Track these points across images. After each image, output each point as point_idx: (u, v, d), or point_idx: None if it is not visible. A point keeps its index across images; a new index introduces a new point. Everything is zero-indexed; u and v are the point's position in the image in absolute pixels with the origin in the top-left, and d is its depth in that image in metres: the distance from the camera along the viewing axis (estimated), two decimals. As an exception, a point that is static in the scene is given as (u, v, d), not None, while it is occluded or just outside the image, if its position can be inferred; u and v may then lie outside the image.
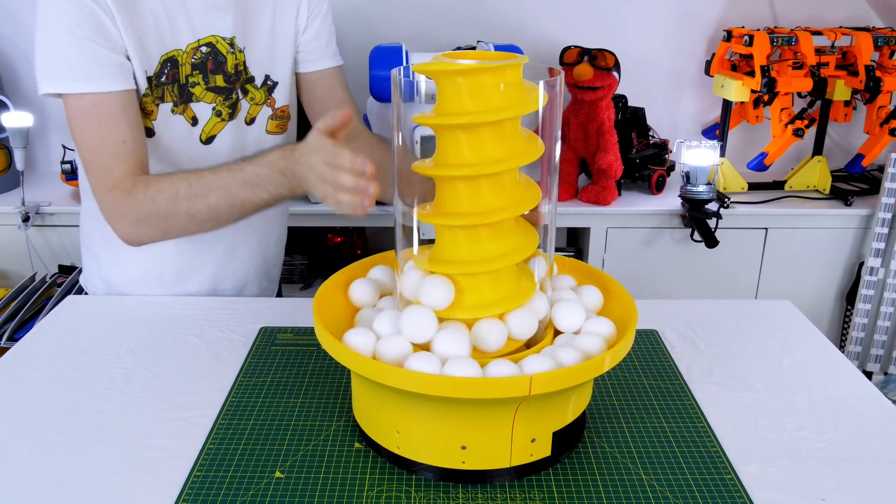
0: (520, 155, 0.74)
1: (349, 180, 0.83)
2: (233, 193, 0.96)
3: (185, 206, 0.98)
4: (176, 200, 0.98)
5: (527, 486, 0.74)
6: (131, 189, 0.99)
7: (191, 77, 1.06)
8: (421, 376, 0.69)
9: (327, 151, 0.86)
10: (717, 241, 1.87)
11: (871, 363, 2.02)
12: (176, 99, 1.06)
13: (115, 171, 1.00)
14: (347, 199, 0.83)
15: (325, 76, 1.21)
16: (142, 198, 0.99)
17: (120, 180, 1.00)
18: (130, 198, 0.99)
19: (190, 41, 1.05)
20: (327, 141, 0.87)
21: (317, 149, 0.87)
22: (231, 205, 0.97)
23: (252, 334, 1.04)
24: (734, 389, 0.92)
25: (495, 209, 0.75)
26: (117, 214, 1.01)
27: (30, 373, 0.94)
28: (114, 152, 0.99)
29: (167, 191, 0.98)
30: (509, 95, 0.72)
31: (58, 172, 2.09)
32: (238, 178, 0.96)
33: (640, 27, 2.18)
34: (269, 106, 1.15)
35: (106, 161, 0.99)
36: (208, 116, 1.10)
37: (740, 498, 0.73)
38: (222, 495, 0.73)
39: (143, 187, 0.99)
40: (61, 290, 1.79)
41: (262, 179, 0.95)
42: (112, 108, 0.98)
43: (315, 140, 0.88)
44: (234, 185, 0.96)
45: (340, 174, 0.83)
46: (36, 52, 0.98)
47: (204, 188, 0.97)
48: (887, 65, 1.98)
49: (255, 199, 0.97)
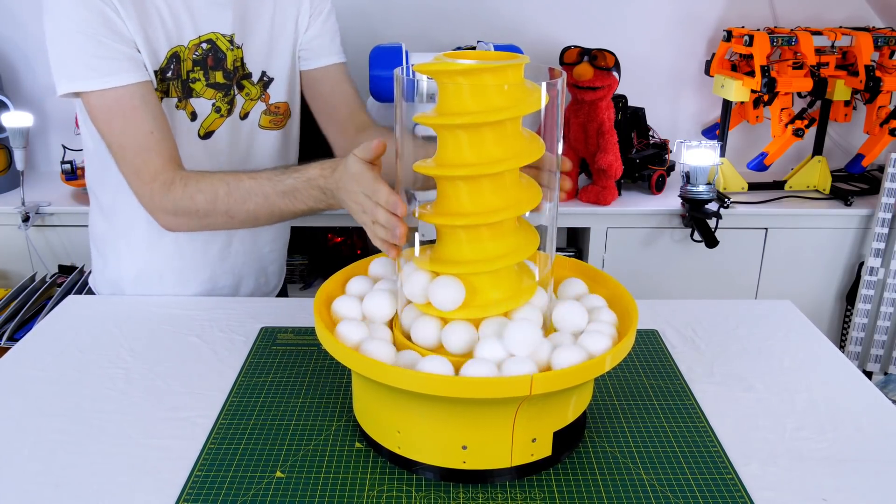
0: (521, 155, 0.74)
1: (383, 217, 0.81)
2: (271, 202, 0.98)
3: (223, 208, 1.00)
4: (215, 202, 1.00)
5: (527, 485, 0.74)
6: (170, 184, 1.00)
7: (192, 73, 1.07)
8: (422, 376, 0.69)
9: (367, 183, 0.84)
10: (717, 241, 1.87)
11: (871, 363, 2.02)
12: (179, 94, 1.07)
13: (150, 164, 1.01)
14: (382, 233, 0.82)
15: (330, 72, 1.21)
16: (180, 195, 1.00)
17: (157, 172, 1.01)
18: (169, 193, 1.00)
19: (192, 37, 1.06)
20: (368, 171, 0.85)
21: (357, 178, 0.86)
22: (270, 212, 0.99)
23: (252, 334, 1.04)
24: (735, 389, 0.92)
25: (497, 209, 0.75)
26: (157, 206, 1.02)
27: (30, 373, 0.94)
28: (144, 144, 1.00)
29: (206, 192, 1.00)
30: (511, 95, 0.72)
31: (58, 172, 2.09)
32: (277, 188, 0.97)
33: (640, 27, 2.18)
34: (262, 101, 1.16)
35: (139, 154, 1.00)
36: (207, 112, 1.10)
37: (741, 498, 0.73)
38: (223, 495, 0.73)
39: (183, 184, 1.00)
40: (61, 290, 1.79)
41: (301, 193, 0.96)
42: (134, 100, 0.99)
43: (355, 167, 0.86)
44: (272, 194, 0.97)
45: (377, 209, 0.82)
46: (50, 55, 0.98)
47: (242, 194, 0.99)
48: (887, 65, 1.98)
49: (293, 209, 0.98)
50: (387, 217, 0.81)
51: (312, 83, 1.21)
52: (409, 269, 0.79)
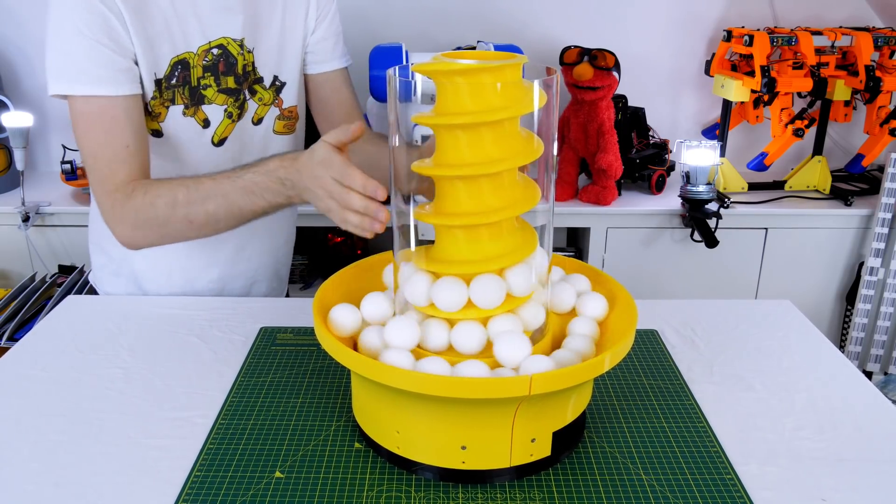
0: (519, 155, 0.74)
1: (358, 202, 0.81)
2: (231, 200, 0.96)
3: (183, 212, 0.98)
4: (174, 206, 0.98)
5: (527, 486, 0.74)
6: (131, 193, 1.00)
7: (202, 79, 1.06)
8: (421, 376, 0.69)
9: (337, 168, 0.84)
10: (717, 241, 1.87)
11: (871, 363, 2.02)
12: (187, 101, 1.06)
13: (116, 175, 1.00)
14: (355, 219, 0.82)
15: (332, 78, 1.21)
16: (140, 202, 0.99)
17: (121, 184, 1.00)
18: (130, 202, 0.99)
19: (201, 43, 1.05)
20: (337, 156, 0.85)
21: (326, 163, 0.85)
22: (229, 212, 0.97)
23: (252, 334, 1.04)
24: (734, 389, 0.92)
25: (495, 209, 0.75)
26: (116, 218, 1.01)
27: (30, 373, 0.94)
28: (117, 157, 0.99)
29: (166, 196, 0.98)
30: (509, 95, 0.72)
31: (58, 172, 2.09)
32: (236, 185, 0.95)
33: (640, 27, 2.18)
34: (276, 106, 1.16)
35: (109, 165, 1.00)
36: (220, 118, 1.10)
37: (740, 498, 0.73)
38: (222, 495, 0.73)
39: (143, 192, 0.99)
40: (61, 290, 1.79)
41: (260, 187, 0.94)
42: (117, 112, 0.98)
43: (323, 152, 0.86)
44: (232, 192, 0.95)
45: (350, 194, 0.82)
46: (46, 53, 0.98)
47: (202, 194, 0.97)
48: (887, 65, 1.98)
49: (253, 206, 0.96)
50: (363, 202, 0.80)
51: (313, 87, 1.21)
52: (408, 272, 0.79)
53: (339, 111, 1.22)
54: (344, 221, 0.83)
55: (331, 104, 1.22)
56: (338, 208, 0.84)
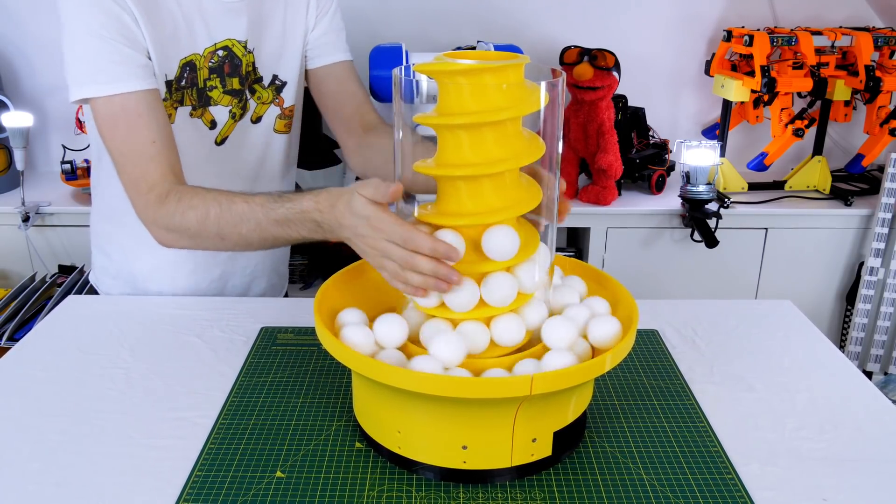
0: (521, 155, 0.74)
1: (427, 265, 0.75)
2: (264, 228, 0.93)
3: (214, 229, 0.96)
4: (206, 221, 0.96)
5: (527, 485, 0.74)
6: (165, 197, 0.98)
7: (208, 81, 1.06)
8: (422, 376, 0.69)
9: (394, 231, 0.77)
10: (717, 241, 1.87)
11: (871, 363, 2.02)
12: (195, 102, 1.06)
13: (148, 175, 0.98)
14: (418, 280, 0.76)
15: (336, 70, 1.20)
16: (173, 209, 0.97)
17: (154, 184, 0.98)
18: (163, 207, 0.98)
19: (207, 45, 1.05)
20: (386, 217, 0.77)
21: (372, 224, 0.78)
22: (262, 237, 0.95)
23: (253, 334, 1.04)
24: (734, 389, 0.92)
25: (497, 209, 0.75)
26: (150, 219, 1.00)
27: (30, 373, 0.94)
28: (145, 154, 0.98)
29: (199, 208, 0.96)
30: (511, 95, 0.72)
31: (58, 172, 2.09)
32: (270, 216, 0.92)
33: (640, 27, 2.18)
34: (277, 105, 1.15)
35: (138, 164, 0.98)
36: (225, 119, 1.10)
37: (741, 498, 0.73)
38: (223, 495, 0.73)
39: (176, 199, 0.97)
40: (61, 290, 1.79)
41: (294, 224, 0.91)
42: (140, 107, 0.98)
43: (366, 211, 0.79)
44: (265, 221, 0.93)
45: (416, 257, 0.75)
46: (65, 60, 0.98)
47: (235, 217, 0.94)
48: (887, 65, 1.98)
49: (287, 237, 0.93)
50: (432, 266, 0.74)
51: (319, 81, 1.21)
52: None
53: (348, 105, 1.20)
54: (405, 282, 0.78)
55: (339, 98, 1.20)
56: (397, 269, 0.78)
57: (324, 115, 1.24)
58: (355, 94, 1.21)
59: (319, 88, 1.21)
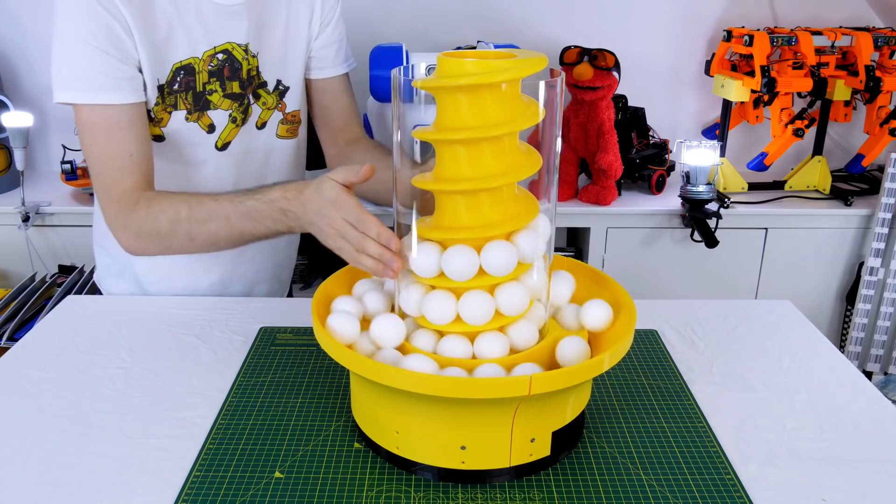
0: (519, 169, 0.75)
1: (374, 248, 0.82)
2: (232, 223, 0.97)
3: (184, 229, 0.99)
4: (176, 222, 0.99)
5: (526, 486, 0.74)
6: (135, 204, 1.00)
7: (208, 84, 1.06)
8: (420, 376, 0.69)
9: (352, 213, 0.84)
10: (717, 241, 1.87)
11: (871, 363, 2.02)
12: (190, 107, 1.06)
13: (120, 184, 1.00)
14: (370, 263, 0.82)
15: (333, 84, 1.21)
16: (144, 214, 1.00)
17: (125, 193, 1.01)
18: (133, 213, 1.00)
19: (206, 48, 1.05)
20: (349, 198, 0.85)
21: (337, 204, 0.85)
22: (230, 233, 0.98)
23: (252, 334, 1.04)
24: (734, 389, 0.92)
25: (495, 222, 0.75)
26: (120, 226, 1.02)
27: (30, 373, 0.94)
28: (121, 165, 1.00)
29: (168, 211, 0.99)
30: (509, 110, 0.72)
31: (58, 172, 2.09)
32: (238, 209, 0.96)
33: (640, 27, 2.18)
34: (280, 111, 1.16)
35: (113, 173, 1.00)
36: (225, 123, 1.10)
37: (740, 498, 0.73)
38: (222, 495, 0.73)
39: (146, 204, 1.00)
40: (61, 290, 1.79)
41: (261, 215, 0.94)
42: (122, 120, 0.99)
43: (333, 192, 0.86)
44: (233, 215, 0.96)
45: (366, 240, 0.82)
46: (52, 60, 0.98)
47: (204, 214, 0.98)
48: (887, 65, 1.98)
49: (254, 231, 0.97)
50: (379, 250, 0.81)
51: (313, 92, 1.22)
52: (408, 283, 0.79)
53: (338, 118, 1.23)
54: (358, 263, 0.84)
55: (330, 110, 1.22)
56: (352, 251, 0.84)
57: (312, 120, 1.25)
58: (345, 109, 1.23)
59: (313, 98, 1.22)
